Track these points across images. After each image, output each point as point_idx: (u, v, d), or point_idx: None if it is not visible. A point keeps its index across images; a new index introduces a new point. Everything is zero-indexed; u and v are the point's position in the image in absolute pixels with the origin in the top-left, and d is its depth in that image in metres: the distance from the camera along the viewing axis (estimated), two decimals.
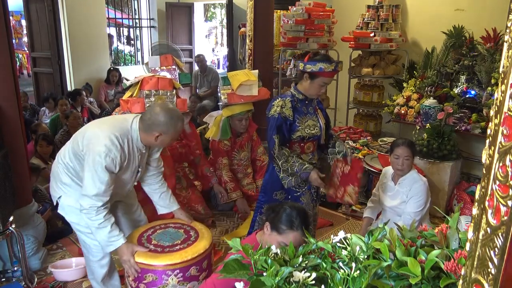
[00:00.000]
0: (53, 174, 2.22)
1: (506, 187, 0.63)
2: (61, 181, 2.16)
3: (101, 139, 1.96)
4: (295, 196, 2.55)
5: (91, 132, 2.04)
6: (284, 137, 2.44)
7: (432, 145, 3.64)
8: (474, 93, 3.87)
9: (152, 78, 2.78)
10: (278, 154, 2.41)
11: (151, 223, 2.50)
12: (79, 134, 2.11)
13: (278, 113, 2.41)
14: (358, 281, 1.06)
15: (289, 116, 2.43)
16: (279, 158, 2.43)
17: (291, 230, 1.76)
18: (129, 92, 2.91)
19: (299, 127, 2.48)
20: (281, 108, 2.43)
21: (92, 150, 1.96)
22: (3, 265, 2.78)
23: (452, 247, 1.18)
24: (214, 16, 12.17)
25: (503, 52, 0.65)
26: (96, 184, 1.95)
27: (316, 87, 2.45)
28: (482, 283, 0.68)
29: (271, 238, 1.80)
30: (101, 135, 1.98)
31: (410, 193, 2.76)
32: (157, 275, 2.05)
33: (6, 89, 2.70)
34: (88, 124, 2.22)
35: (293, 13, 4.78)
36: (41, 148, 3.98)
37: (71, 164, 2.11)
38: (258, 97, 3.63)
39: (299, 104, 2.50)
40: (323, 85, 2.45)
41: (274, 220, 1.80)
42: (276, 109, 2.43)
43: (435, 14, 4.52)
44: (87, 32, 6.98)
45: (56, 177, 2.19)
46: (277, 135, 2.41)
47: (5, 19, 2.69)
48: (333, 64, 2.41)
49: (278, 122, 2.41)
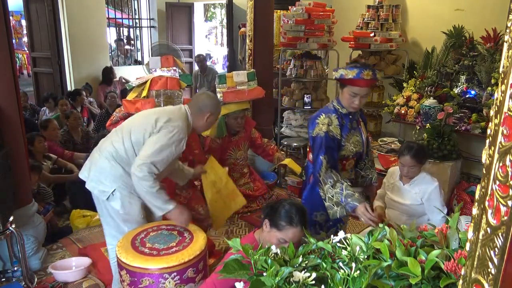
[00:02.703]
0: (100, 173, 2.23)
1: (506, 187, 0.63)
2: (114, 175, 2.23)
3: (178, 122, 2.20)
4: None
5: (164, 118, 2.20)
6: (333, 158, 2.20)
7: (432, 145, 3.64)
8: (474, 93, 3.86)
9: (161, 78, 2.80)
10: (324, 178, 2.16)
11: (142, 226, 2.49)
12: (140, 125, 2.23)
13: (325, 132, 2.18)
14: (358, 281, 1.06)
15: (337, 134, 2.22)
16: (324, 182, 2.17)
17: (291, 226, 1.77)
18: (134, 93, 2.92)
19: (344, 146, 2.27)
20: (328, 126, 2.20)
21: (169, 128, 2.16)
22: (3, 265, 2.78)
23: (452, 247, 1.18)
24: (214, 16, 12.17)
25: (503, 52, 0.65)
26: (161, 154, 2.13)
27: (346, 97, 2.22)
28: (482, 283, 0.68)
29: (271, 235, 1.81)
30: (176, 118, 2.21)
31: (426, 198, 2.72)
32: (154, 279, 2.04)
33: (6, 89, 2.70)
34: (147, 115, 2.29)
35: (293, 13, 4.78)
36: (40, 144, 3.88)
37: (126, 155, 2.22)
38: (253, 96, 3.64)
39: (344, 121, 2.27)
40: (354, 95, 2.18)
41: (273, 217, 1.81)
42: (321, 128, 2.20)
43: (435, 14, 4.52)
44: (87, 32, 6.99)
45: (106, 174, 2.23)
46: (325, 156, 2.17)
47: (5, 19, 2.69)
48: (355, 70, 2.12)
49: (327, 142, 2.17)
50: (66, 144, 4.52)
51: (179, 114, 2.28)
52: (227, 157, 3.75)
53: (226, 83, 3.60)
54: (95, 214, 3.66)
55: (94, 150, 2.33)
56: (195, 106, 2.35)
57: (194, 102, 2.39)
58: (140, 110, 2.72)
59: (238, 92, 3.56)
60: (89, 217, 3.63)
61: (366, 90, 2.20)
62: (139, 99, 2.75)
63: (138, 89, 2.89)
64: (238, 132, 3.70)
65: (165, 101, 2.74)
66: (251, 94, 3.62)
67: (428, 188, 2.71)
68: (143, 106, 2.71)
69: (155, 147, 2.11)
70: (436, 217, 2.70)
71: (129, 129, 2.24)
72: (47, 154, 4.08)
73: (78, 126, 4.77)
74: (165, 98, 2.75)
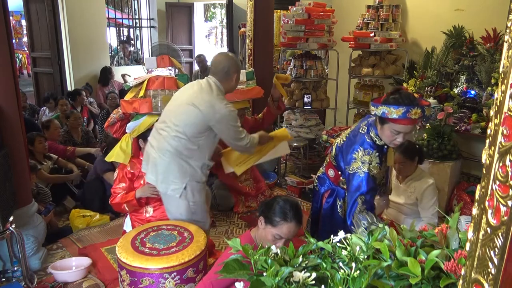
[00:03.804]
0: (169, 173, 2.36)
1: (506, 187, 0.62)
2: (182, 172, 2.35)
3: (220, 104, 2.31)
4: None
5: (206, 106, 2.30)
6: (373, 198, 2.01)
7: (432, 145, 3.64)
8: (474, 93, 3.86)
9: (158, 78, 2.79)
10: (358, 219, 1.96)
11: (142, 226, 2.49)
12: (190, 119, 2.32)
13: (366, 172, 1.97)
14: (358, 281, 1.06)
15: (377, 173, 2.01)
16: (357, 225, 1.96)
17: (285, 221, 1.79)
18: (131, 93, 2.91)
19: (377, 179, 2.07)
20: (369, 165, 1.98)
21: (223, 114, 2.30)
22: (3, 265, 2.78)
23: (452, 247, 1.18)
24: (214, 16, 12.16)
25: (503, 52, 0.65)
26: (242, 132, 2.40)
27: (387, 134, 1.98)
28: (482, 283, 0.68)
29: (266, 232, 1.82)
30: (216, 101, 2.31)
31: (420, 196, 2.74)
32: (154, 279, 2.04)
33: (6, 89, 2.70)
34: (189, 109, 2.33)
35: (293, 13, 4.78)
36: (40, 144, 3.89)
37: (186, 150, 2.33)
38: (251, 96, 3.64)
39: (381, 154, 2.04)
40: (396, 133, 1.93)
41: (268, 214, 1.83)
42: (361, 167, 1.99)
43: (435, 14, 4.52)
44: (87, 32, 6.99)
45: (174, 173, 2.36)
46: (362, 197, 1.97)
47: (5, 19, 2.69)
48: (401, 109, 1.82)
49: (369, 184, 1.97)
50: (66, 144, 4.53)
51: (216, 89, 2.38)
52: None
53: None
54: (95, 214, 3.67)
55: (150, 151, 2.43)
56: (220, 72, 2.43)
57: (217, 70, 2.44)
58: (137, 110, 2.71)
59: (236, 92, 3.55)
60: (89, 217, 3.63)
61: (411, 128, 1.95)
62: (136, 99, 2.75)
63: (135, 89, 2.89)
64: None
65: (163, 101, 2.74)
66: (249, 94, 3.62)
67: (423, 186, 2.74)
68: (140, 106, 2.71)
69: (232, 129, 2.35)
70: (426, 214, 2.72)
71: (178, 128, 2.34)
72: (47, 154, 4.08)
73: (78, 126, 4.77)
74: (162, 98, 2.74)
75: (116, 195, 2.66)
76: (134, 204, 2.63)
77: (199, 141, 2.35)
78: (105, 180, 3.78)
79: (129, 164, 2.72)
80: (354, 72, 4.98)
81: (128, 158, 2.73)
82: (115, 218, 3.72)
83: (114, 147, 2.80)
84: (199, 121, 2.32)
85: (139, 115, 2.75)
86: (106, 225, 3.63)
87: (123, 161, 2.73)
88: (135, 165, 2.73)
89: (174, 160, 2.34)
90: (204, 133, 2.35)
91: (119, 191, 2.67)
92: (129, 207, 2.66)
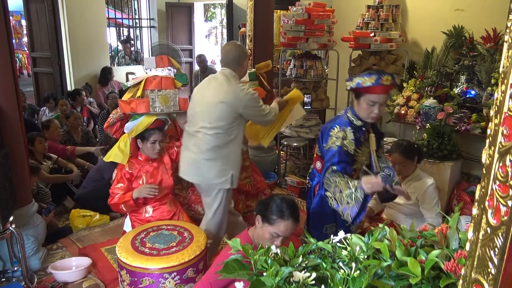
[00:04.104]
0: (216, 169, 2.55)
1: (506, 187, 0.62)
2: (226, 163, 2.56)
3: (242, 92, 2.52)
4: (346, 227, 2.19)
5: (231, 98, 2.50)
6: (344, 171, 2.09)
7: (432, 145, 3.64)
8: (474, 93, 3.86)
9: (155, 78, 2.78)
10: (329, 177, 2.06)
11: (143, 225, 2.49)
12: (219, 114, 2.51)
13: (339, 146, 2.09)
14: (358, 281, 1.06)
15: (351, 150, 2.13)
16: (329, 185, 2.06)
17: (282, 219, 1.80)
18: (129, 93, 2.90)
19: (358, 159, 2.18)
20: (343, 140, 2.11)
21: (247, 100, 2.51)
22: (3, 265, 2.78)
23: (452, 247, 1.18)
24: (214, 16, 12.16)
25: (503, 52, 0.65)
26: (265, 109, 2.61)
27: (364, 107, 2.12)
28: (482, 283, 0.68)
29: (263, 230, 1.83)
30: (237, 90, 2.52)
31: (421, 196, 2.74)
32: (154, 279, 2.04)
33: (6, 89, 2.70)
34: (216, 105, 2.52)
35: (293, 13, 4.78)
36: (40, 144, 3.89)
37: (224, 144, 2.52)
38: None
39: (358, 133, 2.17)
40: (372, 104, 2.08)
41: (265, 213, 1.85)
42: (335, 141, 2.11)
43: (435, 14, 4.52)
44: (87, 32, 6.98)
45: (219, 168, 2.55)
46: (332, 166, 2.08)
47: (5, 19, 2.69)
48: (373, 76, 2.02)
49: (341, 156, 2.08)
50: (66, 144, 4.53)
51: (233, 79, 2.58)
52: None
53: None
54: (95, 214, 3.67)
55: (189, 155, 2.61)
56: (232, 62, 2.61)
57: (228, 60, 2.62)
58: (135, 110, 2.70)
59: None
60: (89, 217, 3.63)
61: (384, 97, 2.11)
62: (133, 99, 2.74)
63: (133, 89, 2.88)
64: None
65: (160, 101, 2.74)
66: None
67: (423, 186, 2.74)
68: (137, 106, 2.69)
69: (258, 110, 2.57)
70: (429, 214, 2.72)
71: (213, 126, 2.51)
72: (47, 154, 4.08)
73: (78, 126, 4.77)
74: (160, 97, 2.74)
75: (115, 196, 2.66)
76: (131, 204, 2.62)
77: (234, 130, 2.56)
78: None
79: (127, 165, 2.72)
80: (354, 72, 4.97)
81: (126, 158, 2.73)
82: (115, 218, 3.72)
83: (112, 147, 2.80)
84: (230, 113, 2.52)
85: (137, 115, 2.74)
86: (106, 225, 3.63)
87: (121, 161, 2.73)
88: (133, 165, 2.73)
89: (217, 155, 2.54)
90: (236, 121, 2.56)
91: (117, 192, 2.66)
92: (127, 207, 2.66)
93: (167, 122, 2.90)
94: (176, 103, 2.80)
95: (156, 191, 2.62)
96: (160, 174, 2.77)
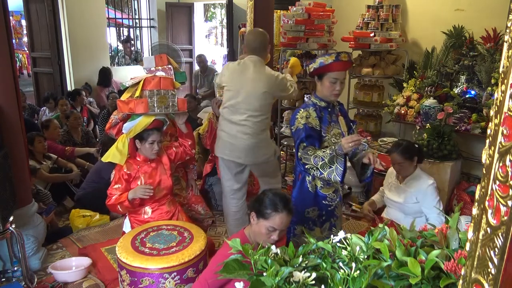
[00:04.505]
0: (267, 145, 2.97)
1: (506, 187, 0.62)
2: (269, 136, 3.02)
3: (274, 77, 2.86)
4: (329, 211, 2.38)
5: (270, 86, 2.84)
6: (313, 146, 2.23)
7: (432, 145, 3.64)
8: (474, 93, 3.86)
9: (154, 78, 2.77)
10: (303, 154, 2.18)
11: (142, 225, 2.49)
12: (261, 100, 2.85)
13: (304, 123, 2.25)
14: (358, 281, 1.06)
15: (316, 126, 2.27)
16: (307, 158, 2.17)
17: (276, 212, 1.82)
18: (128, 93, 2.90)
19: (325, 137, 2.32)
20: (307, 118, 2.26)
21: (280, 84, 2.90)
22: (3, 265, 2.78)
23: (452, 247, 1.18)
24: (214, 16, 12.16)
25: (503, 52, 0.65)
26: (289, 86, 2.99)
27: (327, 86, 2.29)
28: (482, 283, 0.68)
29: (259, 226, 1.84)
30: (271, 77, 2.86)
31: (421, 196, 2.74)
32: (154, 279, 2.04)
33: (6, 89, 2.70)
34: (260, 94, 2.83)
35: (293, 13, 4.78)
36: (40, 144, 3.89)
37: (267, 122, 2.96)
38: None
39: (323, 113, 2.34)
40: (334, 81, 2.26)
41: (259, 208, 1.86)
42: (300, 121, 2.27)
43: (435, 14, 4.52)
44: (87, 32, 6.98)
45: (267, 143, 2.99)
46: (302, 143, 2.21)
47: (5, 19, 2.69)
48: (333, 55, 2.25)
49: (307, 131, 2.22)
50: (66, 144, 4.53)
51: (262, 66, 2.90)
52: None
53: None
54: (95, 214, 3.67)
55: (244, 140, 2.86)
56: (257, 49, 2.90)
57: (254, 47, 2.90)
58: (133, 111, 2.69)
59: None
60: (89, 217, 3.63)
61: (344, 74, 2.35)
62: (132, 99, 2.72)
63: (132, 89, 2.87)
64: None
65: (159, 101, 2.73)
66: None
67: (423, 186, 2.74)
68: (136, 106, 2.68)
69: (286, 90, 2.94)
70: (432, 214, 2.72)
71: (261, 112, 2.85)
72: (47, 154, 4.08)
73: (78, 126, 4.77)
74: (158, 98, 2.73)
75: (112, 197, 2.65)
76: (127, 205, 2.60)
77: (269, 110, 2.96)
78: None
79: (125, 165, 2.70)
80: (354, 72, 4.98)
81: (124, 158, 2.72)
82: (115, 218, 3.71)
83: (111, 148, 2.78)
84: (270, 99, 2.92)
85: (135, 116, 2.73)
86: (106, 225, 3.63)
87: (119, 162, 2.71)
88: (131, 166, 2.71)
89: (265, 134, 2.94)
90: (271, 102, 2.97)
91: (115, 193, 2.65)
92: (123, 208, 2.64)
93: (166, 123, 2.89)
94: (175, 104, 2.79)
95: (151, 192, 2.59)
96: (159, 175, 2.76)
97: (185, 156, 2.97)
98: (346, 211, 3.87)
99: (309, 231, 2.37)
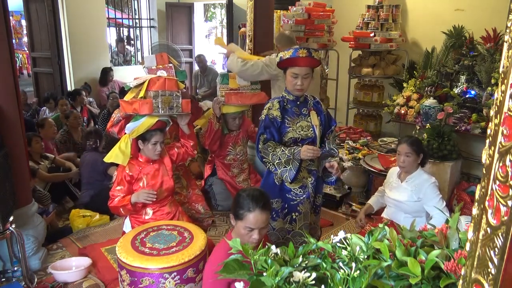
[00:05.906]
0: None
1: (506, 187, 0.62)
2: None
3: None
4: (292, 205, 2.44)
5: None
6: (273, 137, 2.38)
7: (432, 145, 3.64)
8: (474, 93, 3.86)
9: (159, 79, 2.77)
10: (263, 148, 2.33)
11: (143, 225, 2.48)
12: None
13: (265, 115, 2.39)
14: (358, 281, 1.06)
15: (277, 116, 2.37)
16: (266, 153, 2.32)
17: (249, 211, 1.81)
18: (131, 93, 2.89)
19: (289, 128, 2.39)
20: (269, 109, 2.39)
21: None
22: (3, 265, 2.78)
23: (452, 247, 1.18)
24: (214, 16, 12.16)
25: (503, 52, 0.65)
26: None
27: (289, 80, 2.37)
28: (482, 283, 0.68)
29: (238, 227, 1.86)
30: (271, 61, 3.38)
31: (423, 195, 2.74)
32: (154, 279, 2.04)
33: (6, 89, 2.70)
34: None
35: (293, 13, 4.78)
36: (37, 144, 3.88)
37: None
38: (256, 101, 3.65)
39: (289, 105, 2.43)
40: (295, 76, 2.32)
41: (235, 210, 1.87)
42: (264, 112, 2.41)
43: (435, 14, 4.52)
44: (87, 32, 6.98)
45: None
46: (262, 135, 2.36)
47: (5, 19, 2.69)
48: (291, 50, 2.28)
49: (266, 122, 2.37)
50: (66, 144, 4.52)
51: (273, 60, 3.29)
52: (227, 153, 3.78)
53: (228, 84, 3.60)
54: (95, 214, 3.67)
55: None
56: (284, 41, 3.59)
57: (280, 44, 3.57)
58: (137, 111, 2.69)
59: (241, 96, 3.57)
60: (89, 217, 3.63)
61: (306, 70, 2.33)
62: (136, 100, 2.72)
63: (135, 90, 2.86)
64: (233, 130, 3.76)
65: (163, 102, 2.72)
66: (254, 98, 3.64)
67: (424, 184, 2.74)
68: (140, 107, 2.67)
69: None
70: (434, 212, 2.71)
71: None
72: (44, 154, 4.07)
73: (78, 126, 4.77)
74: (163, 99, 2.72)
75: (114, 198, 2.64)
76: (129, 209, 2.60)
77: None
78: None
79: (127, 166, 2.70)
80: (354, 72, 4.98)
81: (127, 159, 2.71)
82: (115, 218, 3.71)
83: (113, 148, 2.77)
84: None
85: (139, 116, 2.73)
86: (106, 225, 3.63)
87: (122, 162, 2.71)
88: (133, 166, 2.70)
89: None
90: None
91: (117, 194, 2.65)
92: (125, 211, 2.64)
93: (169, 123, 2.89)
94: (179, 105, 2.78)
95: (154, 197, 2.59)
96: (161, 176, 2.75)
97: (187, 157, 2.97)
98: (346, 211, 3.87)
99: (272, 221, 2.44)
